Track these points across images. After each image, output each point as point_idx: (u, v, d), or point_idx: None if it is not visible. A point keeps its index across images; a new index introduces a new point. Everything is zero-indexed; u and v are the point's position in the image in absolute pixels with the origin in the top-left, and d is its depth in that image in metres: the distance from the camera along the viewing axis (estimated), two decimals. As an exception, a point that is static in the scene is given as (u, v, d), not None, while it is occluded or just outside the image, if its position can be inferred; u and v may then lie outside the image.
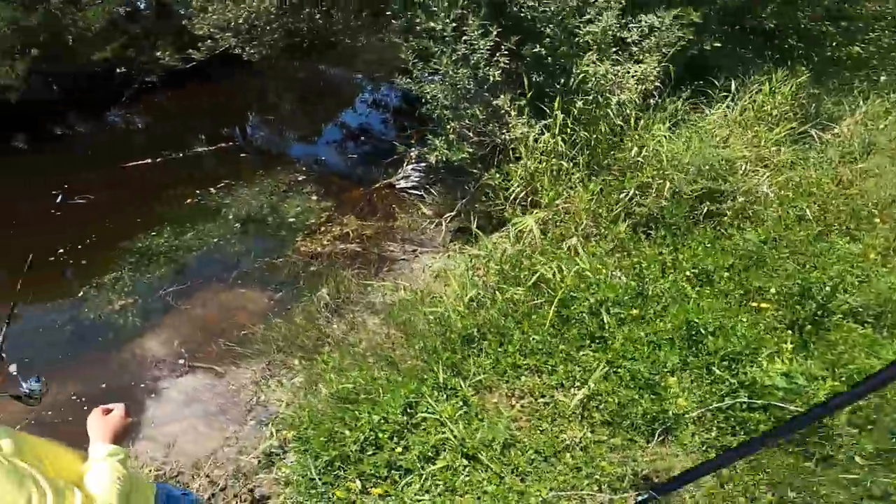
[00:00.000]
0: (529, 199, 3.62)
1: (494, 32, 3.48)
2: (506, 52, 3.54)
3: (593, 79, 3.28)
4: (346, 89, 10.62)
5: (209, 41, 5.85)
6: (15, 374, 1.35)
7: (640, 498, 1.80)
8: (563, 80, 3.64)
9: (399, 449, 2.01)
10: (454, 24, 3.54)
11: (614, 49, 3.44)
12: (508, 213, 3.59)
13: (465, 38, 3.53)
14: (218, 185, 5.66)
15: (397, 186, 5.08)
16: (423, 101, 3.98)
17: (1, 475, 0.89)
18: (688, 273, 2.77)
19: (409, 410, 2.13)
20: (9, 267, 4.44)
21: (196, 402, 3.06)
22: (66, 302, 3.99)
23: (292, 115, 9.31)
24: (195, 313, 3.77)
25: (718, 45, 3.95)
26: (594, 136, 3.58)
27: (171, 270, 4.28)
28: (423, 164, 5.02)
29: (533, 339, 2.39)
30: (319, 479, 2.00)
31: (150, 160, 6.90)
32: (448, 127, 3.89)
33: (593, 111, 3.53)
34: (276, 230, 4.71)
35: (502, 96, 3.61)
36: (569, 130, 3.62)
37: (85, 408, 2.85)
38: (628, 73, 3.32)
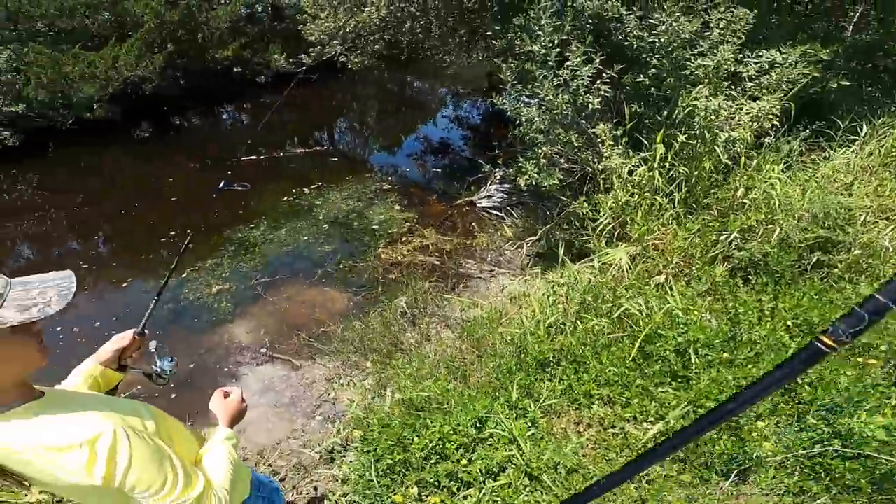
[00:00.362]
0: (617, 231, 3.52)
1: (597, 60, 3.46)
2: (607, 80, 3.49)
3: (702, 113, 3.15)
4: (431, 103, 10.94)
5: (318, 47, 6.25)
6: (152, 351, 1.41)
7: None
8: (666, 113, 3.52)
9: (464, 461, 2.01)
10: (557, 50, 3.55)
11: (727, 83, 3.28)
12: (594, 243, 3.51)
13: (567, 63, 3.53)
14: (311, 186, 6.04)
15: (479, 205, 5.14)
16: (517, 123, 4.01)
17: (147, 455, 0.95)
18: (788, 323, 2.58)
19: (478, 425, 2.13)
20: (143, 244, 5.02)
21: (271, 391, 3.18)
22: (172, 281, 4.36)
23: (378, 123, 9.73)
24: (281, 306, 3.99)
25: (846, 83, 3.65)
26: (695, 172, 3.42)
27: (264, 262, 4.58)
28: (508, 186, 5.04)
29: (610, 370, 2.34)
30: (378, 481, 2.04)
31: (254, 157, 7.49)
32: (540, 151, 3.88)
33: (697, 147, 3.38)
34: (360, 235, 4.92)
35: (600, 125, 3.55)
36: (667, 165, 3.49)
37: (171, 384, 3.10)
38: (741, 109, 3.15)
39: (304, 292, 4.14)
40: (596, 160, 3.77)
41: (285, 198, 5.80)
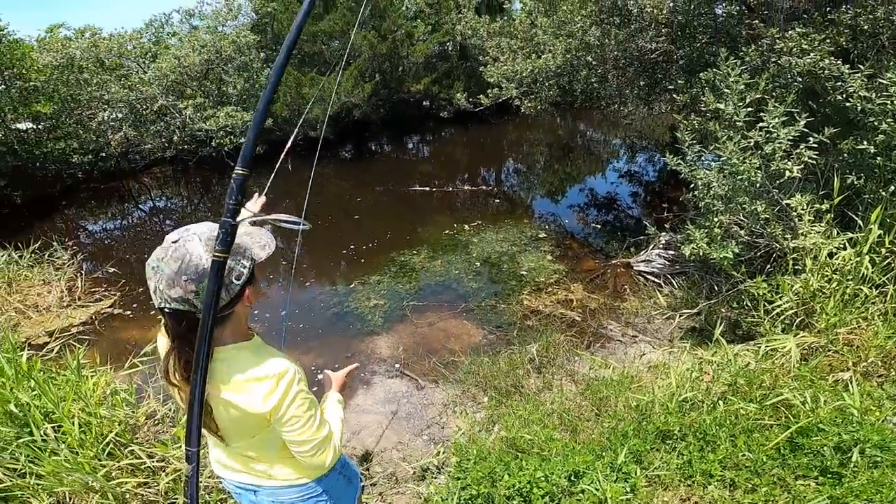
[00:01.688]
0: (798, 319, 3.02)
1: (802, 122, 3.04)
2: (814, 145, 3.05)
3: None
4: (602, 153, 10.72)
5: (496, 89, 6.66)
6: None
7: None
8: (894, 188, 2.94)
9: None
10: (748, 109, 3.23)
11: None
12: (764, 327, 3.06)
13: (761, 124, 3.18)
14: (471, 224, 6.43)
15: (636, 268, 4.85)
16: (692, 186, 3.73)
17: (306, 398, 1.14)
18: None
19: (573, 478, 2.02)
20: (326, 253, 5.93)
21: (392, 402, 3.39)
22: (342, 289, 5.03)
23: (546, 169, 9.89)
24: (422, 329, 4.27)
25: None
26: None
27: (417, 287, 4.99)
28: (672, 252, 4.67)
29: (745, 454, 2.04)
30: None
31: (426, 188, 8.27)
32: (715, 220, 3.53)
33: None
34: (507, 278, 5.03)
35: (798, 195, 3.09)
36: (884, 251, 2.89)
37: (317, 377, 3.43)
38: None
39: (444, 321, 4.38)
40: (787, 236, 3.28)
41: (446, 231, 6.26)
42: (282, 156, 1.28)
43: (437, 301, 4.70)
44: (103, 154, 9.69)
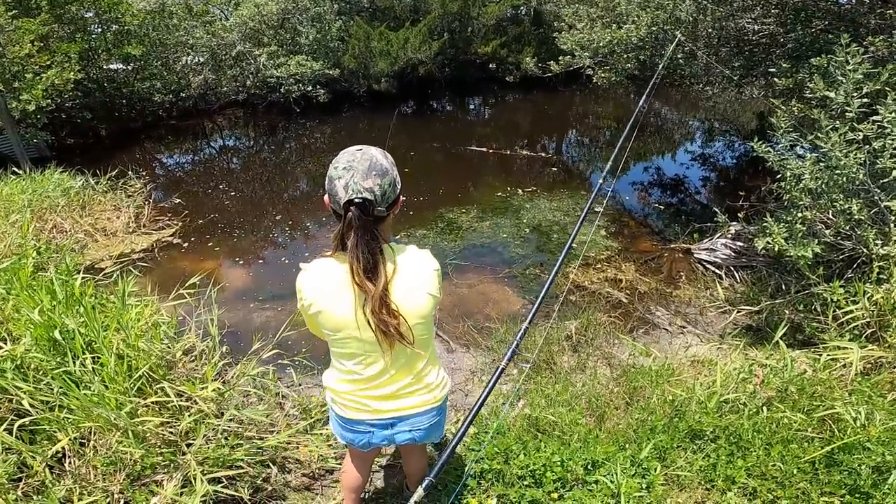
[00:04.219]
0: (870, 330, 2.72)
1: None
2: (934, 147, 2.65)
3: None
4: (676, 133, 10.04)
5: (568, 56, 6.30)
6: None
7: None
8: None
9: (555, 495, 1.87)
10: (864, 100, 2.85)
11: None
12: (830, 335, 2.78)
13: (874, 118, 2.80)
14: (526, 189, 6.23)
15: (696, 255, 4.52)
16: (778, 176, 3.36)
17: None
18: None
19: (589, 467, 1.96)
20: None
21: None
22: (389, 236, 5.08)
23: (610, 143, 9.40)
24: (461, 290, 4.22)
25: None
26: None
27: (462, 246, 4.92)
28: (741, 244, 4.29)
29: (776, 465, 1.91)
30: (466, 479, 2.02)
31: (484, 149, 8.08)
32: (799, 215, 3.18)
33: None
34: (555, 248, 4.85)
35: None
36: None
37: None
38: None
39: (485, 284, 4.31)
40: (878, 242, 2.93)
41: (499, 194, 6.11)
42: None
43: (479, 263, 4.62)
44: (183, 94, 10.23)
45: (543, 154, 8.16)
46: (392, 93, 11.30)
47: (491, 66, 12.41)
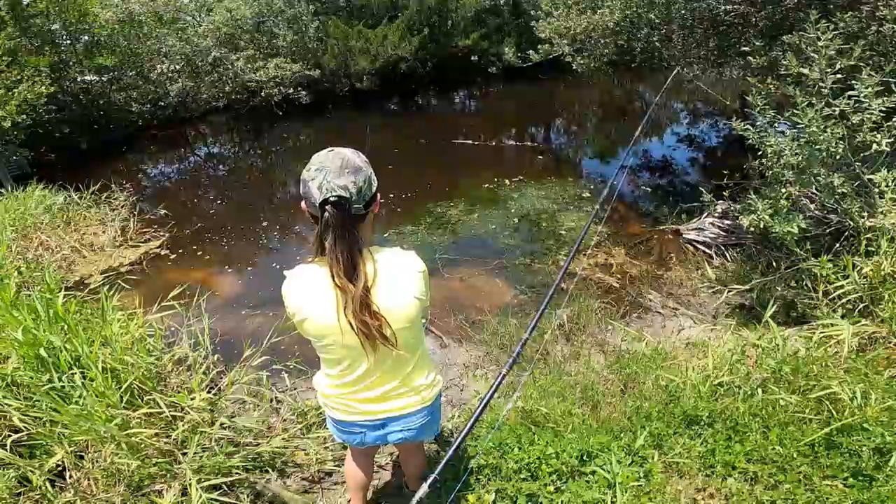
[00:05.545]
0: (862, 305, 2.73)
1: None
2: (908, 119, 2.67)
3: None
4: (661, 117, 10.06)
5: (547, 45, 6.28)
6: None
7: None
8: None
9: (551, 488, 1.86)
10: (838, 76, 2.88)
11: None
12: (821, 311, 2.79)
13: (850, 93, 2.83)
14: (513, 179, 6.21)
15: (685, 236, 4.53)
16: (759, 153, 3.37)
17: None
18: None
19: (584, 458, 1.95)
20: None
21: None
22: (375, 237, 5.06)
23: (596, 130, 9.40)
24: (452, 285, 4.19)
25: None
26: None
27: (451, 240, 4.90)
28: (728, 223, 4.31)
29: (775, 448, 1.90)
30: (463, 476, 2.00)
31: (470, 141, 8.04)
32: (783, 191, 3.20)
33: None
34: (545, 237, 4.85)
35: (883, 171, 2.76)
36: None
37: None
38: None
39: (476, 277, 4.29)
40: (864, 214, 2.95)
41: (487, 185, 6.09)
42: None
43: (469, 256, 4.61)
44: (162, 103, 10.11)
45: (530, 143, 8.15)
46: (375, 90, 11.22)
47: (473, 58, 12.35)
